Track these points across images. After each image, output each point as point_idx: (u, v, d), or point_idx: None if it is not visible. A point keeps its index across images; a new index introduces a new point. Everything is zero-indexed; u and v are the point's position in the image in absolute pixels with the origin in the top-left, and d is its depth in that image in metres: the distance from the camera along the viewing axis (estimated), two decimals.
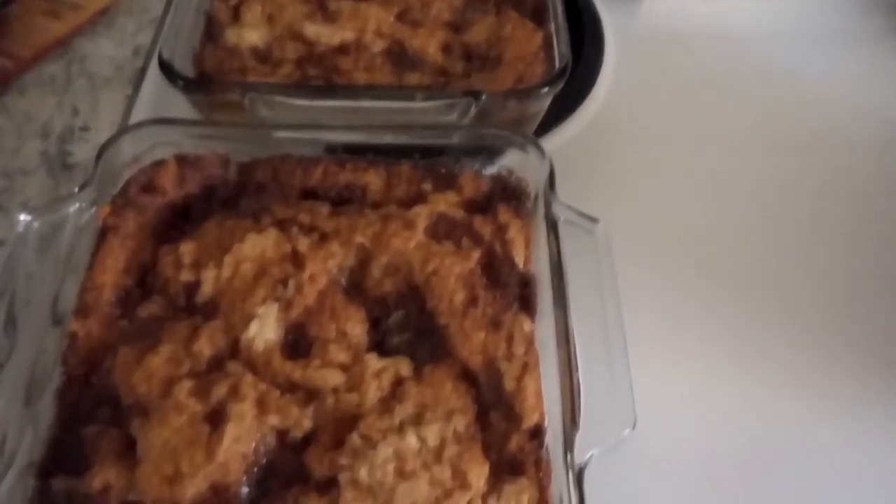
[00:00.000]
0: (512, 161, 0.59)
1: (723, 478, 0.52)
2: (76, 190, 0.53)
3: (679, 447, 0.53)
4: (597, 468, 0.44)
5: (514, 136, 0.57)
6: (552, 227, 0.53)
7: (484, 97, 0.59)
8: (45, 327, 0.49)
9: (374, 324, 0.52)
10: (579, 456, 0.44)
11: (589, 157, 0.71)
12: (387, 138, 0.58)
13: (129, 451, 0.45)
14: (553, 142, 0.71)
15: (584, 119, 0.73)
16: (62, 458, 0.46)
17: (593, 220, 0.53)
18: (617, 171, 0.70)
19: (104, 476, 0.44)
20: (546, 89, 0.61)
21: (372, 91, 0.61)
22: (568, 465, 0.44)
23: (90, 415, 0.47)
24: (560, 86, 0.61)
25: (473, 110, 0.60)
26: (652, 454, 0.50)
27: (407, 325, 0.52)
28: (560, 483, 0.44)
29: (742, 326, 0.60)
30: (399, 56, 0.65)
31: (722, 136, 0.74)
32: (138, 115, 0.70)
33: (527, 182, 0.58)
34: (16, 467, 0.44)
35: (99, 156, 0.54)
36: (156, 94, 0.72)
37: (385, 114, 0.61)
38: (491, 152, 0.59)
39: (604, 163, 0.71)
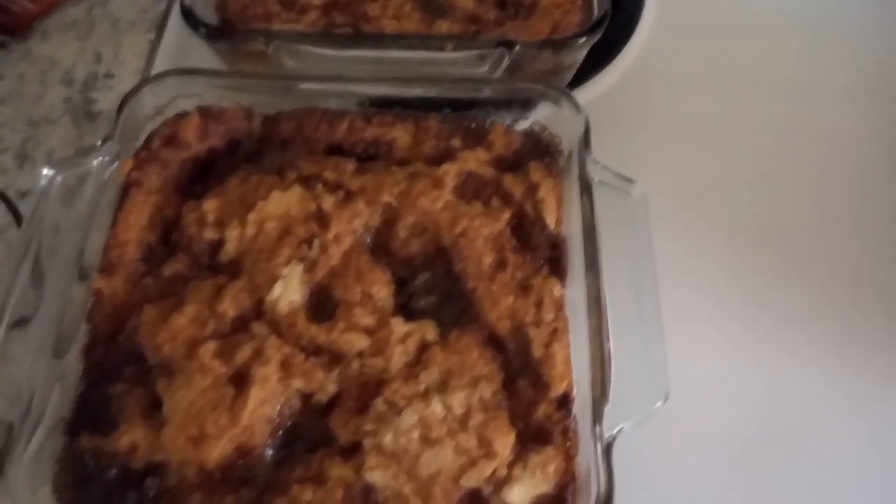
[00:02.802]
0: (545, 116, 0.56)
1: (757, 452, 0.51)
2: (98, 143, 0.52)
3: (713, 420, 0.51)
4: (626, 439, 0.43)
5: (547, 89, 0.55)
6: (586, 188, 0.51)
7: (517, 48, 0.56)
8: (71, 282, 0.49)
9: (400, 285, 0.50)
10: (608, 428, 0.43)
11: (626, 109, 0.68)
12: (415, 91, 0.56)
13: (154, 411, 0.45)
14: (588, 93, 0.68)
15: (622, 68, 0.70)
16: (89, 416, 0.46)
17: (629, 180, 0.51)
18: (655, 125, 0.67)
19: (131, 436, 0.44)
20: (583, 40, 0.58)
21: (400, 41, 0.58)
22: (596, 437, 0.43)
23: (116, 373, 0.47)
24: (598, 36, 0.58)
25: (506, 61, 0.57)
26: (684, 427, 0.49)
27: (433, 288, 0.50)
28: (588, 454, 0.44)
29: (786, 295, 0.57)
30: (429, 2, 0.62)
31: (767, 86, 0.70)
32: (161, 62, 0.68)
33: (560, 139, 0.56)
34: (44, 425, 0.44)
35: (120, 108, 0.53)
36: (179, 40, 0.70)
37: (414, 65, 0.58)
38: (523, 106, 0.57)
39: (641, 116, 0.68)
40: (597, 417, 0.43)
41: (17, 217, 0.59)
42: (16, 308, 0.47)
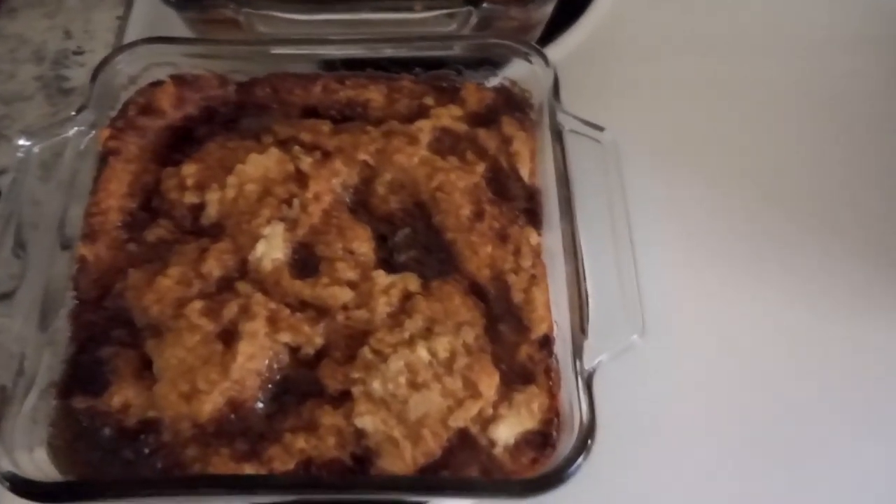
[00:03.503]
0: (515, 72, 0.57)
1: (730, 381, 0.53)
2: (73, 113, 0.52)
3: (688, 353, 0.54)
4: (606, 376, 0.45)
5: (516, 45, 0.56)
6: (557, 136, 0.52)
7: (484, 5, 0.58)
8: (53, 251, 0.50)
9: (381, 241, 0.52)
10: (588, 362, 0.44)
11: (594, 67, 0.69)
12: (387, 51, 0.57)
13: (145, 371, 0.46)
14: (556, 52, 0.69)
15: (589, 26, 0.71)
16: (80, 378, 0.46)
17: (599, 128, 0.52)
18: (623, 81, 0.68)
19: (123, 395, 0.45)
20: None
21: (370, 2, 0.59)
22: (577, 372, 0.44)
23: (105, 336, 0.48)
24: None
25: (474, 19, 0.59)
26: (661, 361, 0.51)
27: (414, 242, 0.52)
28: (570, 390, 0.45)
29: (751, 233, 0.60)
30: None
31: (732, 41, 0.71)
32: (132, 35, 0.68)
33: (531, 93, 0.57)
34: (37, 387, 0.45)
35: (94, 77, 0.54)
36: (150, 13, 0.70)
37: (384, 26, 0.59)
38: (493, 64, 0.58)
39: (610, 73, 0.69)
40: (577, 353, 0.45)
41: None
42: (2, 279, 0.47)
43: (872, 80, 0.69)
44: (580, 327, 0.45)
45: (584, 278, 0.47)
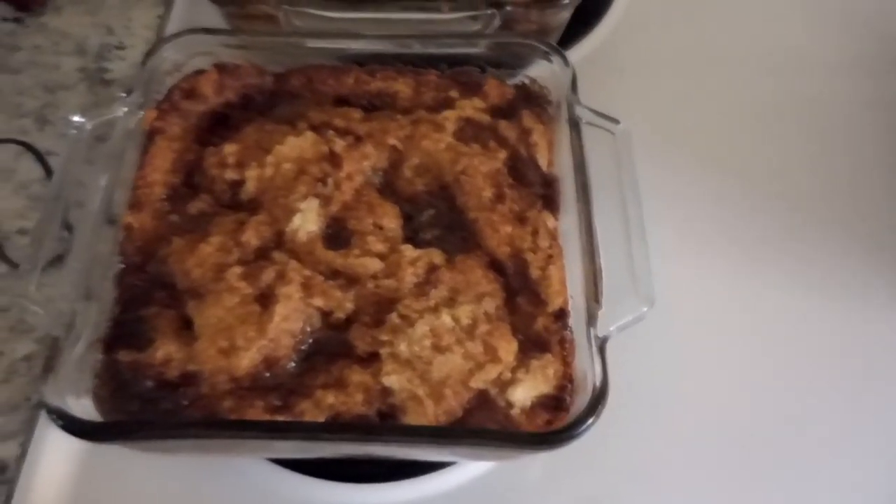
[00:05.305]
0: (535, 71, 0.61)
1: (732, 354, 0.57)
2: (123, 94, 0.56)
3: (695, 326, 0.57)
4: (618, 350, 0.47)
5: (538, 43, 0.60)
6: (574, 126, 0.55)
7: (507, 8, 0.61)
8: (100, 224, 0.52)
9: (407, 221, 0.55)
10: (602, 330, 0.47)
11: (610, 70, 0.73)
12: (415, 47, 0.60)
13: (186, 330, 0.49)
14: (573, 56, 0.72)
15: (605, 32, 0.75)
16: (125, 335, 0.49)
17: (614, 120, 0.55)
18: (638, 83, 0.73)
19: (165, 350, 0.48)
20: (567, 0, 0.63)
21: (400, 2, 0.63)
22: (591, 338, 0.47)
23: (148, 298, 0.51)
24: None
25: (497, 22, 0.62)
26: (668, 336, 0.54)
27: (437, 222, 0.55)
28: (584, 359, 0.48)
29: (756, 218, 0.65)
30: None
31: (737, 50, 0.76)
32: (172, 31, 0.72)
33: (549, 90, 0.61)
34: (84, 340, 0.48)
35: (144, 62, 0.57)
36: (187, 11, 0.74)
37: (411, 25, 0.63)
38: (513, 65, 0.62)
39: (625, 76, 0.74)
40: (591, 321, 0.48)
41: (47, 169, 0.63)
42: (52, 247, 0.50)
43: (864, 86, 0.74)
44: (595, 298, 0.48)
45: (599, 254, 0.50)
